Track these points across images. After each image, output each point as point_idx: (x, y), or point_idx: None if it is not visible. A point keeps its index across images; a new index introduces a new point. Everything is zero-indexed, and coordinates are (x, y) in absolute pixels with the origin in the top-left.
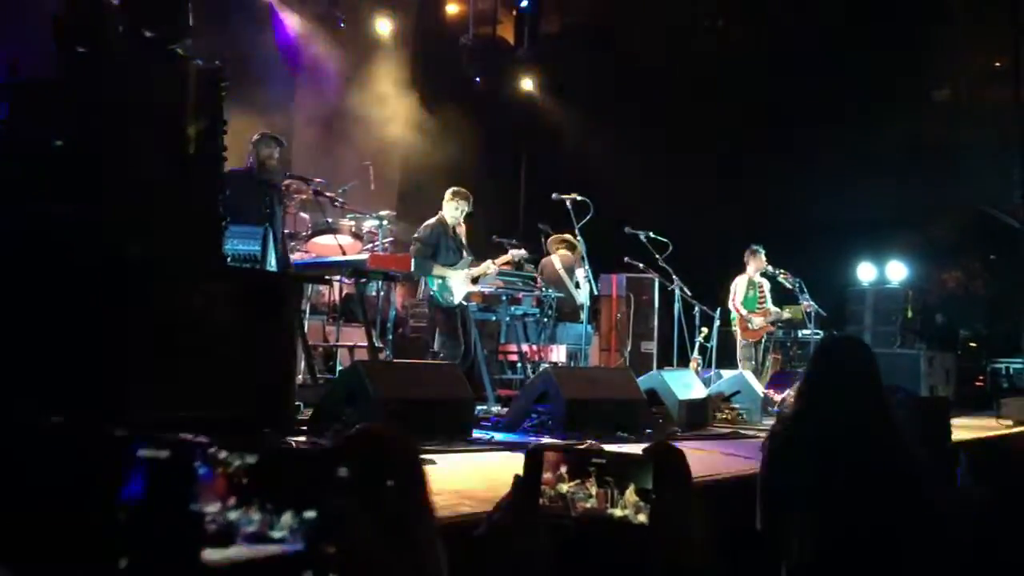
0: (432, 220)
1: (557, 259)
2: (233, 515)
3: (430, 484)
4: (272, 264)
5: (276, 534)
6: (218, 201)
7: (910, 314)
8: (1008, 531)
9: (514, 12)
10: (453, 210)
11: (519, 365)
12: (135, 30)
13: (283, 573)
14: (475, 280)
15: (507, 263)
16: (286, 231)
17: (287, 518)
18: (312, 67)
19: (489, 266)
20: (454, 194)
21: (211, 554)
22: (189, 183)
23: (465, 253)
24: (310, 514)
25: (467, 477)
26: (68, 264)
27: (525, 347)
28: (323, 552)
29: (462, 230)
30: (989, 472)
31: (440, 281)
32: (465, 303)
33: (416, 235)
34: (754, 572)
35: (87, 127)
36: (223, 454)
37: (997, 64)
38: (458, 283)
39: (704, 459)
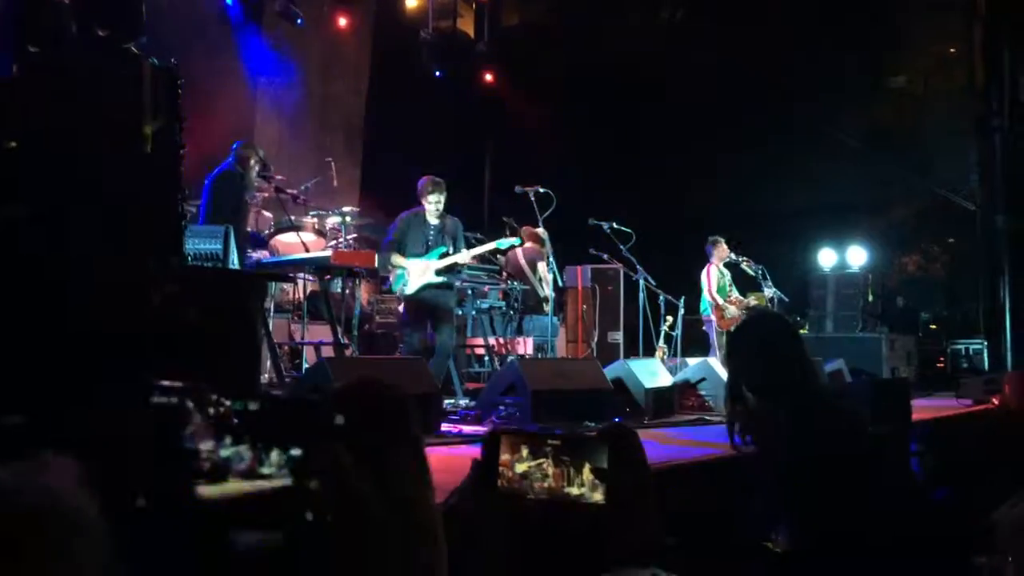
0: (407, 211)
1: (520, 252)
2: (226, 452)
3: (422, 437)
4: (235, 263)
5: (265, 470)
6: (177, 200)
7: (871, 298)
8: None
9: (474, 6)
10: (430, 202)
11: (486, 358)
12: (88, 29)
13: (271, 506)
14: (440, 271)
15: (492, 252)
16: (249, 228)
17: (275, 456)
18: (271, 64)
19: (462, 255)
20: (424, 185)
21: (205, 489)
22: (147, 182)
23: (443, 245)
24: (296, 452)
25: (435, 470)
26: (22, 266)
27: (492, 340)
28: (307, 487)
29: (450, 222)
30: (948, 450)
31: (399, 272)
32: (424, 296)
33: (389, 228)
34: (712, 551)
35: (40, 127)
36: (221, 399)
37: (951, 50)
38: (415, 274)
39: (668, 446)
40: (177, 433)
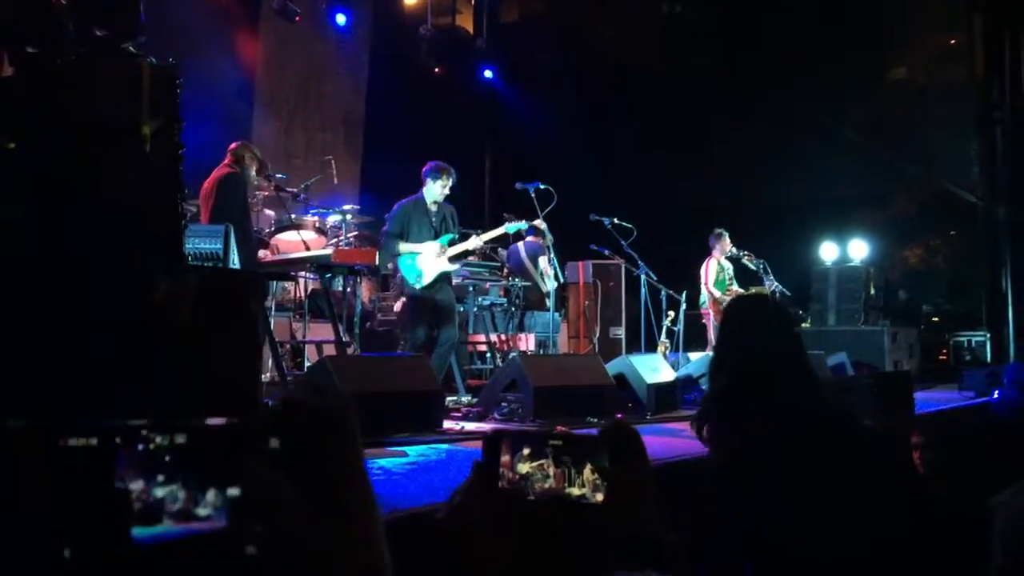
0: (406, 199)
1: (523, 247)
2: (159, 492)
3: (362, 452)
4: (235, 262)
5: (201, 512)
6: (177, 199)
7: (873, 291)
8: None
9: (472, 1)
10: (439, 186)
11: (488, 355)
12: (86, 29)
13: (209, 551)
14: (455, 258)
15: (499, 238)
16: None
17: (211, 495)
18: (269, 61)
19: (473, 241)
20: (435, 169)
21: (138, 532)
22: (146, 182)
23: (447, 232)
24: (234, 491)
25: (436, 467)
26: (24, 267)
27: (494, 337)
28: (247, 529)
29: (448, 209)
30: (950, 444)
31: (410, 261)
32: (435, 288)
33: (387, 215)
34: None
35: (39, 128)
36: (149, 434)
37: (952, 42)
38: (429, 262)
39: (671, 442)
40: (106, 472)
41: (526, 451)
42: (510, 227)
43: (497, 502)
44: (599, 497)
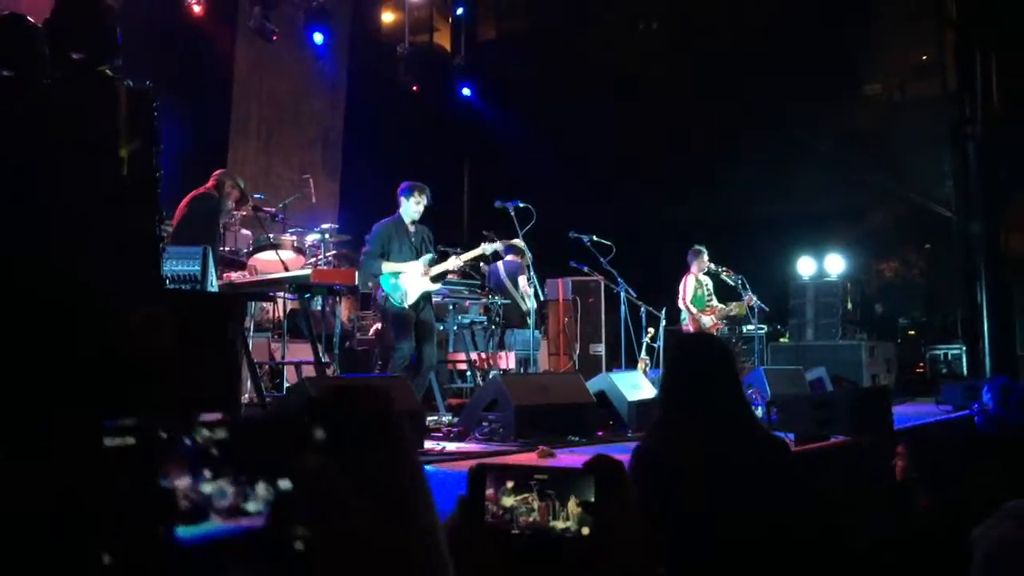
0: (385, 219)
1: (502, 266)
2: (207, 489)
3: (415, 450)
4: (213, 284)
5: (251, 507)
6: (155, 223)
7: (850, 306)
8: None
9: (450, 20)
10: (413, 204)
11: (468, 373)
12: (62, 52)
13: (259, 547)
14: (436, 278)
15: (478, 258)
16: (226, 248)
17: (261, 489)
18: (246, 80)
19: (453, 261)
20: (409, 188)
21: (184, 531)
22: (124, 206)
23: (426, 252)
24: (285, 484)
25: None
26: None
27: (474, 355)
28: (295, 526)
29: (424, 229)
30: (931, 458)
31: (393, 280)
32: (418, 307)
33: (367, 236)
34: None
35: (14, 152)
36: (192, 429)
37: (924, 58)
38: (412, 281)
39: None
40: (148, 470)
41: (510, 484)
42: (488, 248)
43: (482, 537)
44: (585, 531)
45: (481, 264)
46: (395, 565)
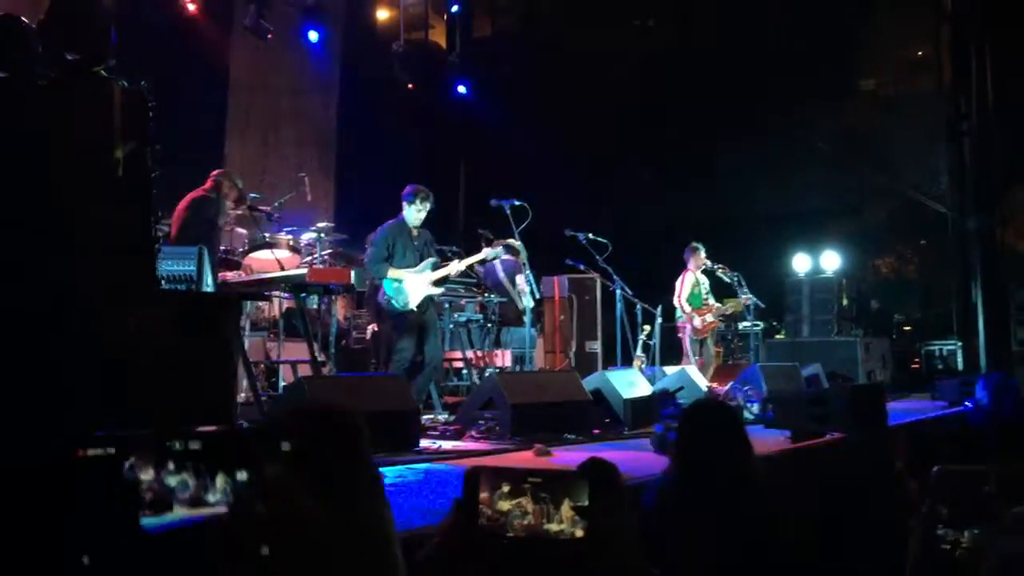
0: (390, 221)
1: (499, 265)
2: (171, 481)
3: (373, 459)
4: (208, 283)
5: (211, 497)
6: (150, 223)
7: (845, 302)
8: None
9: (445, 17)
10: (415, 211)
11: (464, 372)
12: (56, 53)
13: (218, 534)
14: (438, 283)
15: (481, 261)
16: (222, 247)
17: (220, 481)
18: (242, 79)
19: (455, 266)
20: (413, 193)
21: (149, 520)
22: (118, 207)
23: (429, 256)
24: (242, 475)
25: (414, 489)
26: None
27: (470, 353)
28: (253, 511)
29: (426, 233)
30: (926, 454)
31: (396, 284)
32: (421, 309)
33: (370, 237)
34: None
35: (8, 153)
36: (166, 443)
37: (920, 54)
38: (415, 286)
39: (647, 457)
40: (118, 466)
41: (505, 488)
42: (491, 253)
43: (477, 541)
44: (579, 533)
45: (478, 266)
46: (350, 568)
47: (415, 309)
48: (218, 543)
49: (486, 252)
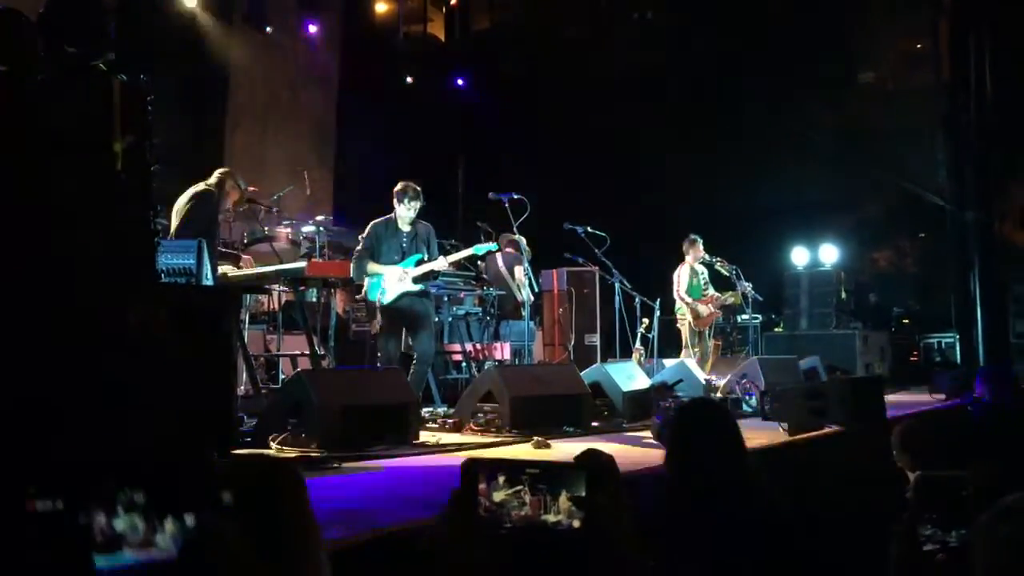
0: (380, 218)
1: (500, 257)
2: (120, 524)
3: (314, 516)
4: (208, 276)
5: (160, 541)
6: (149, 217)
7: (843, 295)
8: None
9: (444, 10)
10: (404, 208)
11: (464, 365)
12: (56, 47)
13: None
14: (418, 279)
15: (470, 257)
16: (221, 240)
17: (170, 526)
18: (241, 71)
19: (439, 262)
20: (402, 191)
21: (100, 561)
22: (118, 201)
23: (418, 252)
24: (190, 520)
25: (414, 481)
26: None
27: (469, 346)
28: (198, 562)
29: (423, 228)
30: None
31: (373, 280)
32: (401, 304)
33: (361, 235)
34: None
35: (8, 147)
36: (112, 496)
37: (919, 46)
38: (392, 282)
39: (646, 449)
40: (71, 508)
41: (502, 479)
42: (478, 249)
43: (475, 531)
44: (576, 524)
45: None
46: None
47: (395, 304)
48: None
49: (474, 248)
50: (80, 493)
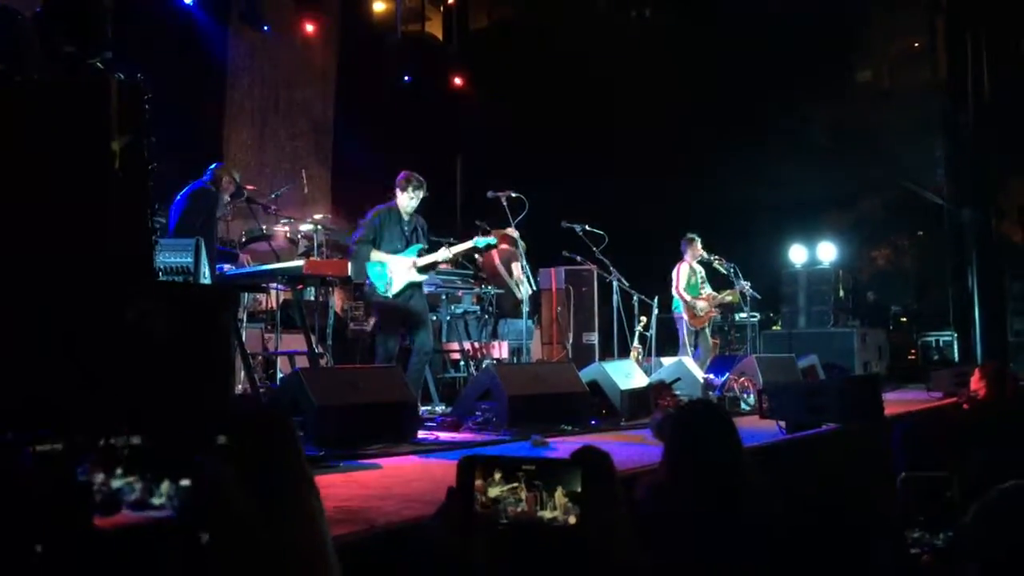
0: (381, 206)
1: (496, 254)
2: (117, 484)
3: (307, 464)
4: (206, 275)
5: (156, 501)
6: (147, 215)
7: (842, 293)
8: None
9: (441, 9)
10: (407, 198)
11: (462, 363)
12: (53, 45)
13: (164, 537)
14: (423, 269)
15: (470, 250)
16: (219, 239)
17: (166, 486)
18: (239, 71)
19: (442, 253)
20: (406, 180)
21: (99, 521)
22: (115, 199)
23: (417, 243)
24: (185, 482)
25: (412, 479)
26: None
27: (467, 345)
28: (196, 518)
29: (420, 220)
30: (923, 445)
31: (379, 268)
32: (404, 296)
33: (361, 220)
34: None
35: (5, 145)
36: (109, 438)
37: (915, 45)
38: (399, 271)
39: (644, 448)
40: (70, 468)
41: (498, 475)
42: (479, 241)
43: (472, 527)
44: (571, 520)
45: (476, 256)
46: (283, 562)
47: (398, 296)
48: (171, 545)
49: (476, 240)
50: (75, 450)
